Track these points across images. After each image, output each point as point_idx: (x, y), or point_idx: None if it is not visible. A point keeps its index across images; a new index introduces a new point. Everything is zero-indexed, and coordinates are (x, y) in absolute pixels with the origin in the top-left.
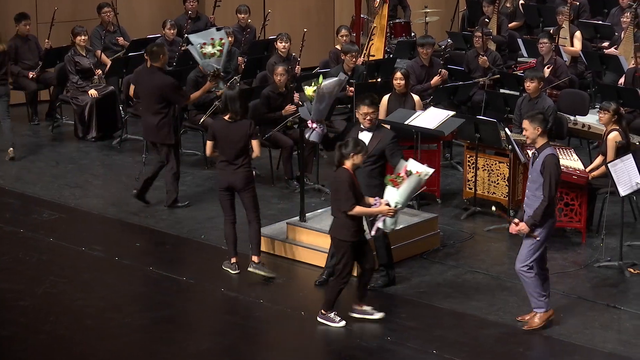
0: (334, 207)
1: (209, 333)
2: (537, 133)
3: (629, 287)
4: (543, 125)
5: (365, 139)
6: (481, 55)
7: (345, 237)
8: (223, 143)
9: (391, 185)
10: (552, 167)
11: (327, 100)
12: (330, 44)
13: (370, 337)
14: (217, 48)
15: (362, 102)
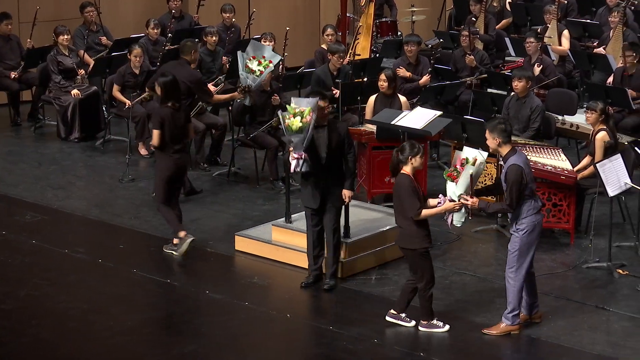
0: (399, 217)
1: (193, 335)
2: (496, 143)
3: (617, 288)
4: (502, 135)
5: (322, 135)
6: (468, 54)
7: (418, 246)
8: (173, 129)
9: (450, 180)
10: (513, 177)
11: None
12: (315, 43)
13: (357, 341)
14: (261, 67)
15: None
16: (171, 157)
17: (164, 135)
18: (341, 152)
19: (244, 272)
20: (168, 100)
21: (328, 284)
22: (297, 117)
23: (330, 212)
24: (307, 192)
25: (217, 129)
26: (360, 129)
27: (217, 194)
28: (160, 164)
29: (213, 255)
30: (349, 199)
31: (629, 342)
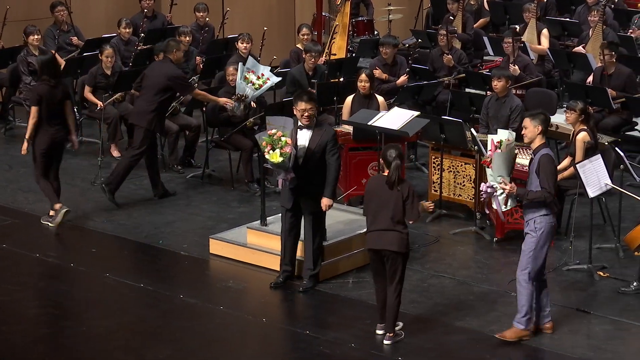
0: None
1: (168, 340)
2: (537, 132)
3: (598, 290)
4: (544, 125)
5: (304, 136)
6: (446, 53)
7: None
8: (50, 105)
9: (486, 167)
10: (551, 166)
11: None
12: (291, 42)
13: (333, 345)
14: (259, 83)
15: (299, 98)
16: (47, 131)
17: (41, 111)
18: (322, 156)
19: (219, 275)
20: (42, 74)
21: (303, 286)
22: (275, 150)
23: (307, 218)
24: (283, 191)
25: (191, 130)
26: (337, 129)
27: (191, 196)
28: (38, 139)
29: (187, 259)
30: (326, 207)
31: (610, 346)
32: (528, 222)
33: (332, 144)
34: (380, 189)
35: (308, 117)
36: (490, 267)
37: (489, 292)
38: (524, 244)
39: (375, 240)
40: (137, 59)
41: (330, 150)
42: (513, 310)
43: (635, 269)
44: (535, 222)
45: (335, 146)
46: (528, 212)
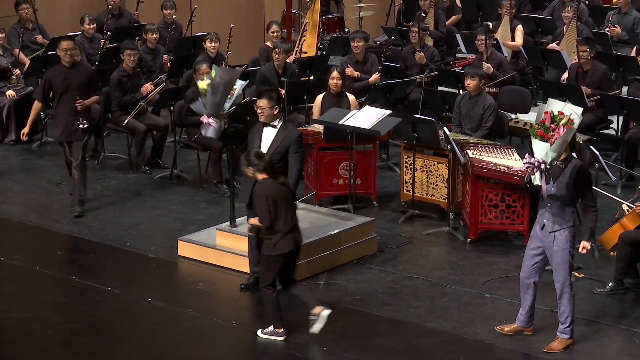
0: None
1: (136, 345)
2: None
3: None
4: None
5: (269, 135)
6: (418, 51)
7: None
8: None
9: (540, 139)
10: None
11: (222, 92)
12: (260, 40)
13: (304, 348)
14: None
15: (257, 96)
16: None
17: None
18: (284, 156)
19: (188, 278)
20: None
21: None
22: (205, 80)
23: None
24: (242, 187)
25: (159, 130)
26: (308, 129)
27: (159, 197)
28: None
29: (155, 261)
30: None
31: (586, 347)
32: (555, 234)
33: (295, 145)
34: (277, 190)
35: (262, 115)
36: (463, 268)
37: (463, 294)
38: (556, 259)
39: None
40: (103, 58)
41: (294, 152)
42: (487, 312)
43: (611, 270)
44: (565, 233)
45: (300, 148)
46: (556, 224)
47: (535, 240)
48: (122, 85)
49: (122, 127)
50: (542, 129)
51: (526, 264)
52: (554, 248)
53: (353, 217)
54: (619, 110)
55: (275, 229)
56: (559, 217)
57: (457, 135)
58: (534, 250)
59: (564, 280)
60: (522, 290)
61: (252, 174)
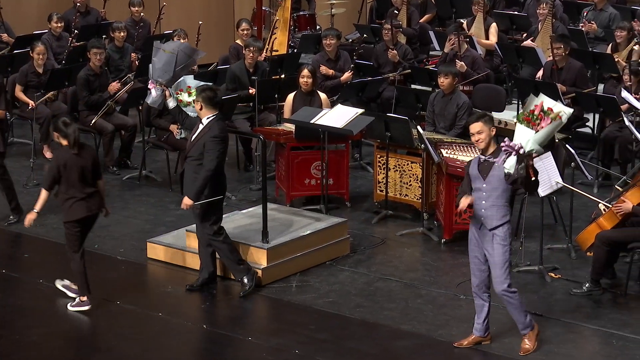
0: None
1: (104, 349)
2: (492, 135)
3: (550, 292)
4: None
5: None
6: (391, 49)
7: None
8: None
9: (526, 125)
10: None
11: (167, 60)
12: (230, 38)
13: (277, 352)
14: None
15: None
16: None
17: None
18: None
19: (157, 281)
20: None
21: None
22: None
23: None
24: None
25: (127, 130)
26: (279, 128)
27: (128, 199)
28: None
29: (124, 264)
30: (185, 206)
31: (563, 349)
32: (494, 231)
33: (210, 143)
34: (71, 159)
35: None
36: (438, 269)
37: (438, 295)
38: (495, 257)
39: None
40: (70, 56)
41: (207, 150)
42: (462, 314)
43: (588, 270)
44: (504, 229)
45: (214, 148)
46: (493, 221)
47: (475, 244)
48: (89, 85)
49: (89, 127)
50: (530, 116)
51: (476, 273)
52: (494, 245)
53: (325, 218)
54: (595, 108)
55: (68, 195)
56: (496, 212)
57: (431, 134)
58: (478, 256)
59: (503, 280)
60: (476, 299)
61: (56, 139)
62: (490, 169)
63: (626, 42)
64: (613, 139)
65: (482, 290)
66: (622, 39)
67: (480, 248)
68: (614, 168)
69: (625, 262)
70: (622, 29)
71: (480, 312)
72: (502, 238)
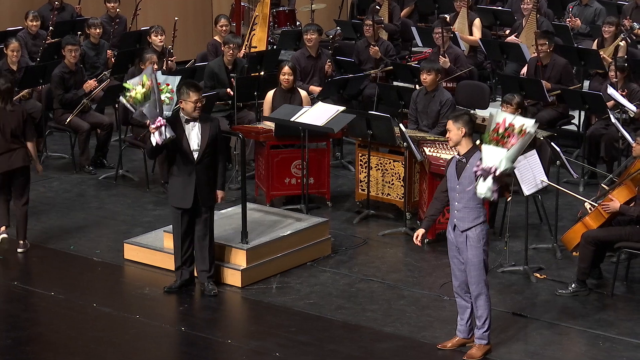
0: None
1: (81, 353)
2: (461, 135)
3: (535, 293)
4: (468, 127)
5: (194, 131)
6: (372, 45)
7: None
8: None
9: (495, 145)
10: None
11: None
12: (208, 34)
13: (257, 354)
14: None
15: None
16: None
17: None
18: (214, 149)
19: (134, 282)
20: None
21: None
22: (137, 87)
23: (204, 216)
24: (176, 191)
25: (103, 128)
26: (258, 126)
27: (104, 198)
28: None
29: (100, 265)
30: (221, 199)
31: (548, 351)
32: (466, 233)
33: (220, 134)
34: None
35: (200, 108)
36: (421, 270)
37: (421, 297)
38: (469, 258)
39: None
40: (45, 53)
41: (220, 141)
42: (445, 315)
43: (573, 270)
44: (477, 231)
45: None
46: (465, 223)
47: (452, 245)
48: (64, 82)
49: (64, 125)
50: (498, 136)
51: (456, 274)
52: (467, 247)
53: (306, 218)
54: (581, 105)
55: None
56: (469, 214)
57: (414, 132)
58: (457, 257)
59: (478, 280)
60: (459, 300)
61: None
62: (462, 169)
63: (613, 37)
64: (599, 137)
65: (464, 290)
66: (609, 35)
67: (454, 249)
68: (600, 166)
69: (612, 262)
70: (610, 24)
71: (463, 313)
72: (474, 240)
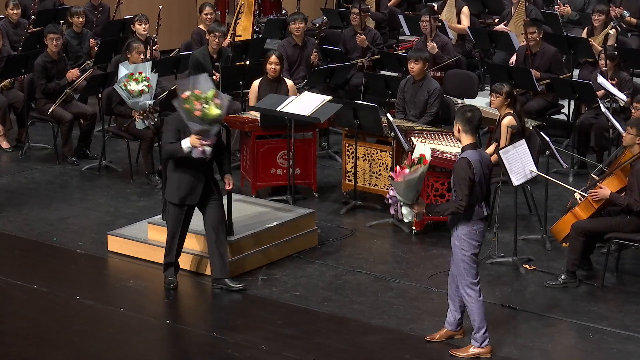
0: None
1: (64, 346)
2: (456, 130)
3: (524, 285)
4: (463, 123)
5: None
6: (359, 33)
7: None
8: None
9: (391, 179)
10: (459, 171)
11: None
12: (192, 23)
13: (242, 348)
14: (144, 84)
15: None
16: None
17: None
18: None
19: (118, 275)
20: None
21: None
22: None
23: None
24: (184, 187)
25: (86, 118)
26: (243, 116)
27: (87, 190)
28: None
29: (84, 257)
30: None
31: (538, 343)
32: (452, 228)
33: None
34: None
35: None
36: (409, 261)
37: (408, 288)
38: (454, 254)
39: None
40: (26, 42)
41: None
42: (434, 307)
43: (563, 261)
44: (458, 229)
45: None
46: (454, 218)
47: None
48: (46, 72)
49: (47, 115)
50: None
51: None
52: (452, 242)
53: (292, 209)
54: (570, 95)
55: None
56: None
57: (401, 121)
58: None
59: (462, 278)
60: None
61: None
62: None
63: (603, 25)
64: (589, 126)
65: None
66: (599, 23)
67: None
68: (589, 156)
69: (602, 253)
70: (600, 13)
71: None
72: (457, 238)
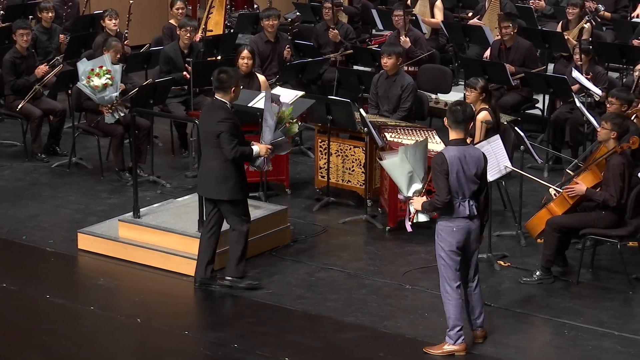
0: None
1: (35, 345)
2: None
3: (499, 281)
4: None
5: None
6: (331, 28)
7: None
8: None
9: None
10: (432, 164)
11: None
12: (164, 18)
13: (215, 345)
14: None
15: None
16: None
17: None
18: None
19: (89, 273)
20: None
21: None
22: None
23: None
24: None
25: (56, 115)
26: None
27: (57, 187)
28: None
29: (54, 255)
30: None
31: (513, 340)
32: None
33: None
34: None
35: None
36: (382, 258)
37: (382, 286)
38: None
39: None
40: None
41: None
42: (407, 304)
43: (538, 258)
44: (437, 224)
45: None
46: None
47: None
48: (15, 68)
49: (16, 112)
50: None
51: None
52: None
53: (264, 206)
54: (545, 89)
55: None
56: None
57: (374, 117)
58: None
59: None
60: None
61: None
62: None
63: (577, 19)
64: (564, 121)
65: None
66: (573, 17)
67: None
68: (564, 151)
69: (577, 249)
70: (574, 6)
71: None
72: (436, 232)
